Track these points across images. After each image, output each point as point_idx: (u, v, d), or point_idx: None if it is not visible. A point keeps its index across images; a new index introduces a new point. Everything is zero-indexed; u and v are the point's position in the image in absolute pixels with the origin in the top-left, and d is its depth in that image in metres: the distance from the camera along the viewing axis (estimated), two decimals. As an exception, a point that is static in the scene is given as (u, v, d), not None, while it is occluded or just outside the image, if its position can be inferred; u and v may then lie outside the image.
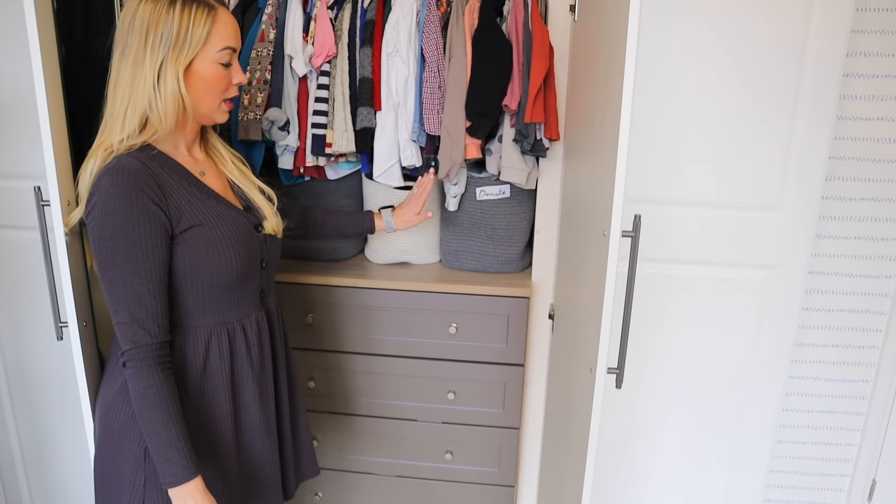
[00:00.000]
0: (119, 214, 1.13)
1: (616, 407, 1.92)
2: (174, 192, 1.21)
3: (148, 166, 1.19)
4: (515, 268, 1.93)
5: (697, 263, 1.77)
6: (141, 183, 1.15)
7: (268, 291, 1.41)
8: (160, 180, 1.19)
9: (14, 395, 2.08)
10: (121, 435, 1.26)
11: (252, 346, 1.35)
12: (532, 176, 1.76)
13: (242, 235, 1.28)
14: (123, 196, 1.13)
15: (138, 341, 1.16)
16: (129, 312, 1.15)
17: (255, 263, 1.33)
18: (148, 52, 1.16)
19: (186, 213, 1.21)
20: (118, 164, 1.15)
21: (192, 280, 1.22)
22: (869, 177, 1.86)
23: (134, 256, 1.14)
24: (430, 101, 1.69)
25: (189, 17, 1.17)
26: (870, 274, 1.96)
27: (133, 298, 1.15)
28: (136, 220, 1.13)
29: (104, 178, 1.15)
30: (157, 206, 1.16)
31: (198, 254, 1.21)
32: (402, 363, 1.92)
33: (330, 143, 1.72)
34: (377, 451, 2.04)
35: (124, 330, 1.16)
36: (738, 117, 1.70)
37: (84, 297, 1.41)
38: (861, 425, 2.12)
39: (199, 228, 1.21)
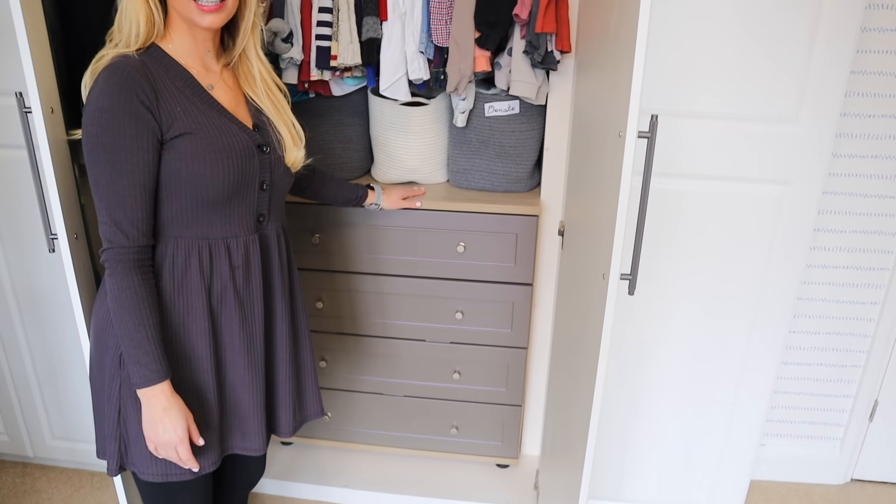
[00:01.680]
0: (108, 112, 1.11)
1: (626, 318, 1.91)
2: (171, 97, 1.18)
3: (148, 68, 1.17)
4: (524, 187, 1.90)
5: (711, 178, 1.74)
6: (134, 84, 1.13)
7: (269, 217, 1.35)
8: (158, 83, 1.17)
9: (23, 310, 2.10)
10: (102, 341, 1.27)
11: (237, 268, 1.30)
12: (542, 90, 1.71)
13: (237, 151, 1.24)
14: (114, 94, 1.11)
15: (115, 242, 1.16)
16: (108, 213, 1.15)
17: (252, 184, 1.28)
18: None
19: (179, 120, 1.18)
20: (117, 63, 1.13)
21: (175, 188, 1.20)
22: (890, 93, 1.81)
23: (118, 156, 1.13)
24: (437, 10, 1.63)
25: None
26: (884, 194, 1.93)
27: (114, 199, 1.14)
28: (123, 120, 1.12)
29: (101, 75, 1.14)
30: (147, 109, 1.14)
31: (184, 162, 1.18)
32: (410, 283, 1.92)
33: (335, 55, 1.67)
34: (385, 372, 2.06)
35: (104, 229, 1.16)
36: (757, 26, 1.63)
37: (73, 209, 1.39)
38: (867, 347, 2.12)
39: (190, 136, 1.19)
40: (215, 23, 1.21)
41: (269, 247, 1.38)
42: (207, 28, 1.21)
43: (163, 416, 1.21)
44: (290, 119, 1.37)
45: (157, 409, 1.21)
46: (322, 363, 2.07)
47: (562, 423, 1.73)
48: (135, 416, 1.26)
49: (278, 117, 1.35)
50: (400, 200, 1.80)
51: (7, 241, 2.02)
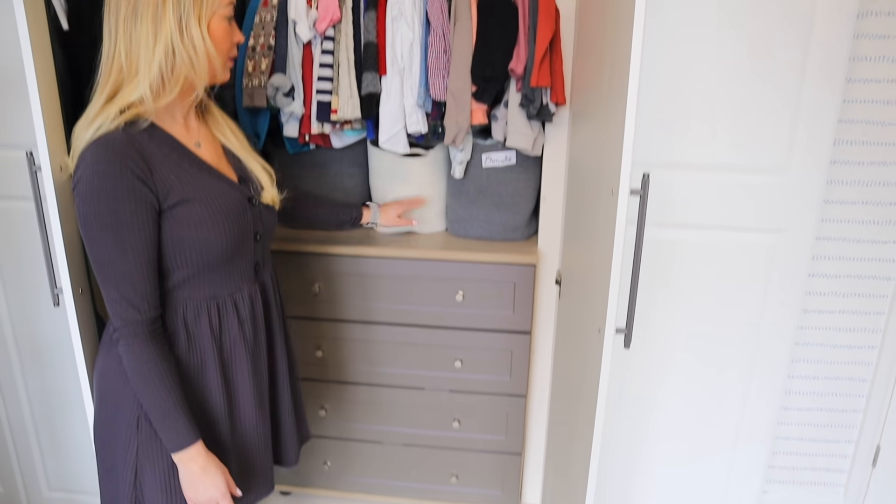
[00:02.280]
0: (104, 191, 1.10)
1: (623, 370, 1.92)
2: (162, 165, 1.17)
3: (135, 139, 1.15)
4: (522, 235, 1.92)
5: (704, 228, 1.76)
6: (126, 158, 1.11)
7: (263, 264, 1.39)
8: (147, 154, 1.16)
9: (24, 359, 2.10)
10: (114, 404, 1.27)
11: (245, 321, 1.33)
12: (538, 142, 1.75)
13: (233, 209, 1.25)
14: (108, 172, 1.10)
15: (129, 319, 1.16)
16: (118, 291, 1.14)
17: (248, 237, 1.31)
18: (169, 9, 1.12)
19: (175, 188, 1.18)
20: (103, 139, 1.12)
21: (180, 255, 1.20)
22: (878, 141, 1.84)
23: (120, 235, 1.12)
24: (435, 65, 1.67)
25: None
26: (877, 240, 1.95)
27: (121, 277, 1.14)
28: (121, 197, 1.11)
29: (89, 153, 1.12)
30: (143, 182, 1.13)
31: (186, 229, 1.19)
32: (410, 332, 1.93)
33: (335, 109, 1.71)
34: (385, 420, 2.05)
35: (115, 308, 1.16)
36: (745, 79, 1.68)
37: (79, 263, 1.41)
38: (866, 391, 2.12)
39: (188, 203, 1.18)
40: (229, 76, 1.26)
41: (268, 292, 1.41)
42: (225, 81, 1.25)
43: (202, 476, 1.23)
44: (254, 152, 1.38)
45: (195, 471, 1.23)
46: (321, 412, 2.07)
47: (562, 472, 1.72)
48: (152, 480, 1.26)
49: (247, 155, 1.35)
50: (396, 218, 1.82)
51: (10, 289, 2.04)
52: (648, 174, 1.15)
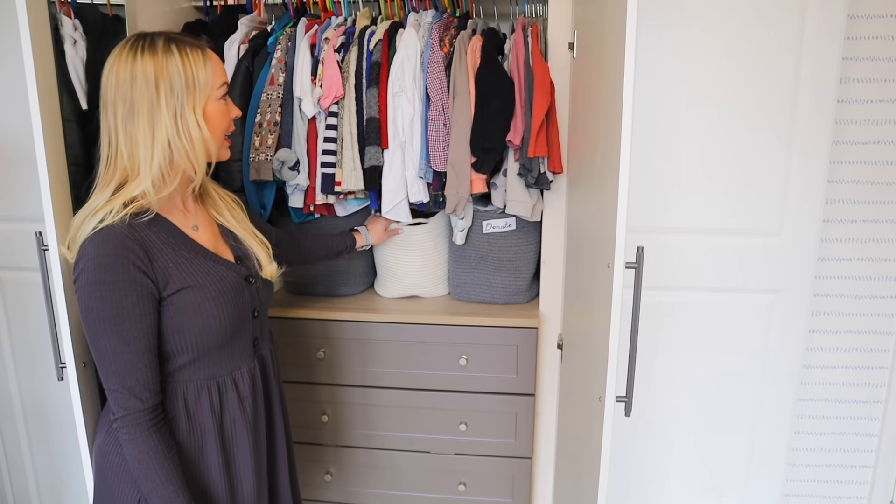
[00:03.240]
0: (106, 284, 1.11)
1: (627, 434, 1.93)
2: (161, 254, 1.19)
3: (136, 230, 1.17)
4: (523, 298, 1.95)
5: (702, 290, 1.80)
6: (127, 251, 1.13)
7: (262, 338, 1.40)
8: (147, 244, 1.17)
9: (30, 430, 2.11)
10: (114, 485, 1.26)
11: (245, 398, 1.33)
12: (537, 208, 1.80)
13: (231, 292, 1.26)
14: (110, 265, 1.12)
15: (130, 408, 1.16)
16: (119, 380, 1.15)
17: (247, 316, 1.32)
18: (163, 104, 1.15)
19: (174, 276, 1.19)
20: (105, 232, 1.14)
21: (181, 341, 1.21)
22: (868, 199, 1.89)
23: (122, 326, 1.13)
24: (435, 138, 1.73)
25: (189, 61, 1.17)
26: (875, 294, 1.98)
27: (123, 367, 1.14)
28: (123, 289, 1.12)
29: (91, 245, 1.13)
30: (144, 273, 1.14)
31: (186, 315, 1.20)
32: (414, 395, 1.94)
33: (339, 181, 1.77)
34: (391, 484, 2.05)
35: (116, 397, 1.16)
36: (735, 146, 1.74)
37: (83, 338, 1.42)
38: (875, 446, 2.11)
39: (188, 290, 1.20)
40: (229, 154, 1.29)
41: (267, 365, 1.42)
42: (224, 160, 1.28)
43: None
44: (255, 231, 1.40)
45: None
46: (327, 476, 2.06)
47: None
48: None
49: (243, 230, 1.37)
50: (384, 234, 1.89)
51: (18, 359, 2.07)
52: (643, 247, 1.18)
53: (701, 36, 1.71)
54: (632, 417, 1.87)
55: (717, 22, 1.69)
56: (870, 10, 1.75)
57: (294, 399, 1.99)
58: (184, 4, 2.00)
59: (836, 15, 1.66)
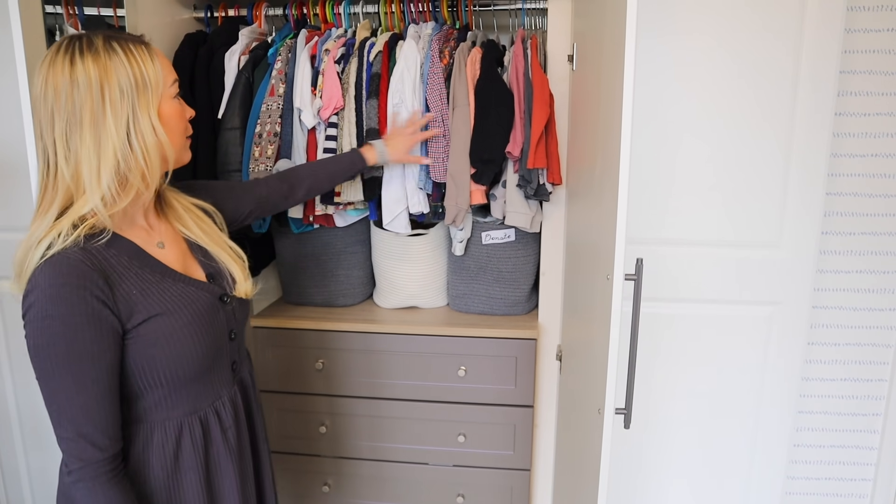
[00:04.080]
0: (59, 319, 0.96)
1: (625, 446, 1.93)
2: (123, 280, 1.04)
3: (92, 255, 1.02)
4: (522, 310, 1.95)
5: (701, 302, 1.80)
6: (84, 279, 0.98)
7: (240, 361, 1.27)
8: (107, 269, 1.03)
9: (26, 438, 2.10)
10: None
11: (228, 429, 1.21)
12: (536, 220, 1.80)
13: (206, 315, 1.13)
14: (63, 296, 0.97)
15: (87, 459, 1.01)
16: (74, 428, 1.00)
17: (223, 339, 1.18)
18: (108, 110, 1.00)
19: (140, 304, 1.05)
20: (57, 258, 0.99)
21: (152, 375, 1.08)
22: (866, 211, 1.90)
23: (78, 366, 0.98)
24: (435, 149, 1.74)
25: (135, 58, 1.03)
26: (874, 307, 1.98)
27: (79, 413, 1.00)
28: (78, 324, 0.97)
29: (41, 276, 0.98)
30: (104, 304, 1.00)
31: (157, 347, 1.06)
32: (413, 407, 1.93)
33: (338, 192, 1.77)
34: (389, 496, 2.04)
35: (70, 446, 1.01)
36: (734, 158, 1.75)
37: None
38: (874, 459, 2.11)
39: (157, 319, 1.06)
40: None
41: (247, 389, 1.31)
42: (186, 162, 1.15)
43: None
44: (228, 244, 1.25)
45: None
46: (325, 488, 2.05)
47: (568, 551, 1.70)
48: None
49: (214, 243, 1.22)
50: (406, 154, 1.69)
51: (16, 368, 2.06)
52: (642, 259, 1.18)
53: (699, 48, 1.72)
54: (631, 430, 1.87)
55: (716, 35, 1.70)
56: (867, 24, 1.77)
57: (292, 410, 1.99)
58: (185, 16, 2.01)
59: (833, 28, 1.67)
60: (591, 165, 1.43)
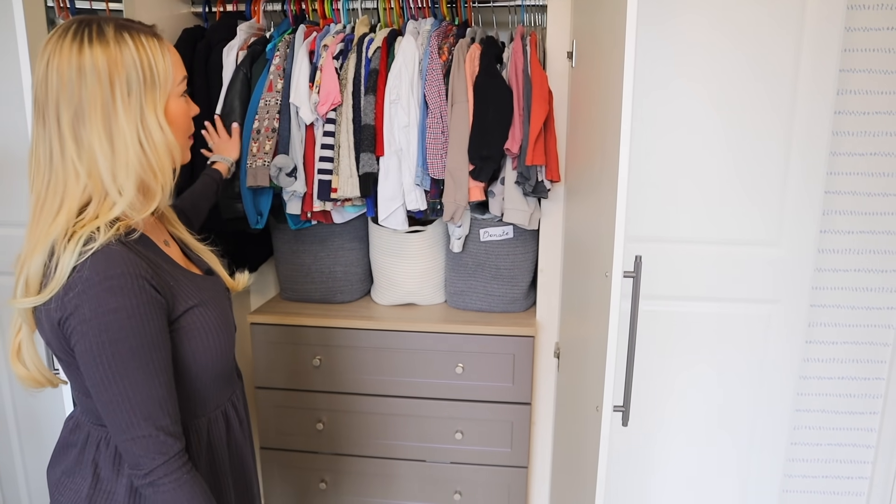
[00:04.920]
0: (124, 311, 0.92)
1: (623, 443, 1.92)
2: (160, 271, 1.01)
3: (132, 249, 0.98)
4: (520, 307, 1.95)
5: (699, 300, 1.80)
6: (138, 268, 0.95)
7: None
8: (149, 263, 0.99)
9: (22, 438, 2.10)
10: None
11: (243, 421, 1.21)
12: (534, 217, 1.79)
13: (228, 306, 1.12)
14: (125, 287, 0.92)
15: (169, 451, 0.97)
16: (151, 423, 0.95)
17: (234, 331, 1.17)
18: (119, 105, 0.95)
19: (179, 295, 1.02)
20: (102, 253, 0.93)
21: (194, 370, 1.05)
22: (865, 210, 1.90)
23: (149, 357, 0.95)
24: (433, 146, 1.73)
25: (146, 51, 0.98)
26: (871, 305, 1.98)
27: (154, 405, 0.96)
28: (145, 314, 0.94)
29: (90, 270, 0.92)
30: (158, 291, 0.97)
31: (197, 339, 1.04)
32: (410, 404, 1.93)
33: (335, 188, 1.76)
34: (385, 493, 2.04)
35: (148, 444, 0.95)
36: (734, 157, 1.75)
37: None
38: (871, 457, 2.11)
39: (194, 310, 1.04)
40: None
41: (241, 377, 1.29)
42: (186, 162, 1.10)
43: None
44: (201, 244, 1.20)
45: None
46: (321, 484, 2.05)
47: (565, 548, 1.70)
48: None
49: (199, 246, 1.19)
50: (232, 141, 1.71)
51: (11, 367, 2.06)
52: (640, 257, 1.18)
53: (699, 46, 1.71)
54: (628, 427, 1.87)
55: (716, 33, 1.70)
56: (867, 23, 1.76)
57: (289, 406, 1.98)
58: (182, 10, 2.00)
59: (833, 27, 1.66)
60: (590, 162, 1.43)
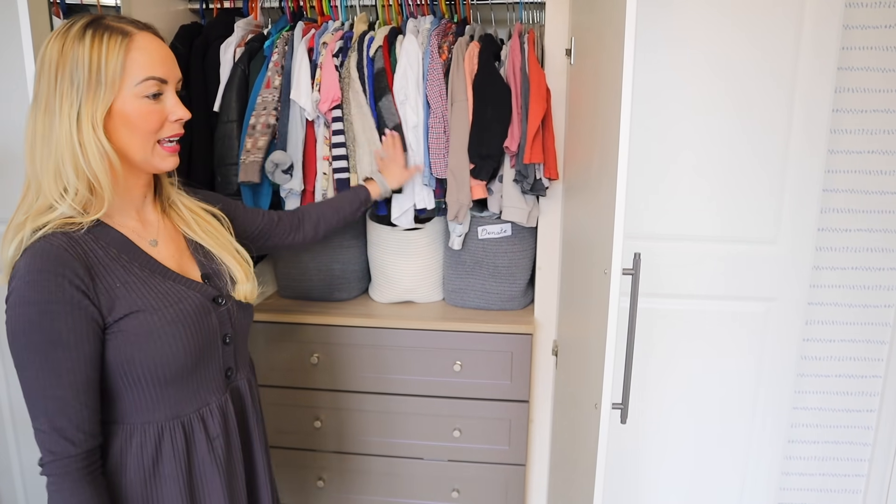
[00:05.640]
0: (36, 306, 0.94)
1: (621, 441, 1.93)
2: (108, 273, 1.01)
3: (77, 242, 0.99)
4: (518, 305, 1.95)
5: (697, 298, 1.80)
6: (63, 267, 0.95)
7: (237, 368, 1.22)
8: (91, 260, 1.00)
9: (18, 433, 2.09)
10: None
11: (215, 438, 1.15)
12: (533, 214, 1.79)
13: (192, 315, 1.08)
14: (42, 283, 0.94)
15: (59, 453, 0.97)
16: (47, 419, 0.97)
17: (214, 342, 1.13)
18: (58, 98, 0.96)
19: (121, 298, 1.01)
20: (39, 245, 0.96)
21: (131, 374, 1.04)
22: (863, 208, 1.90)
23: (53, 355, 0.95)
24: (436, 145, 1.73)
25: (100, 49, 0.97)
26: (869, 304, 1.98)
27: (52, 404, 0.96)
28: (56, 311, 0.95)
29: (22, 261, 0.96)
30: (83, 293, 0.97)
31: (136, 345, 1.02)
32: (408, 401, 1.93)
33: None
34: (384, 491, 2.04)
35: (43, 438, 0.97)
36: (731, 154, 1.75)
37: None
38: (868, 455, 2.12)
39: (138, 315, 1.02)
40: (176, 163, 1.09)
41: (243, 397, 1.24)
42: (166, 171, 1.09)
43: None
44: (234, 246, 1.22)
45: None
46: (319, 482, 2.05)
47: (563, 546, 1.70)
48: None
49: (220, 248, 1.19)
50: (404, 173, 1.72)
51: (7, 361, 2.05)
52: (639, 254, 1.18)
53: (697, 44, 1.71)
54: (626, 425, 1.87)
55: (714, 31, 1.70)
56: (865, 21, 1.76)
57: (287, 404, 1.98)
58: (180, 7, 1.99)
59: (831, 25, 1.66)
60: (589, 160, 1.43)
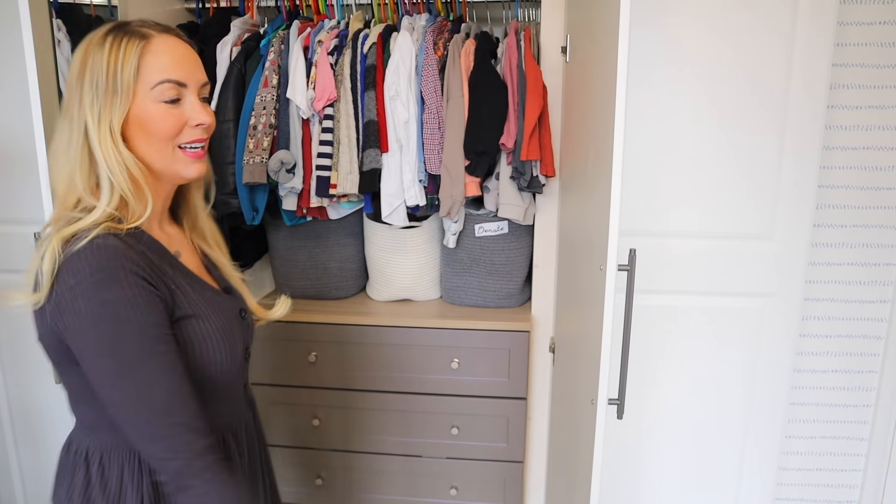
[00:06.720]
0: (118, 303, 0.86)
1: (618, 437, 1.93)
2: (161, 274, 0.95)
3: (129, 244, 0.92)
4: (515, 302, 1.95)
5: (693, 293, 1.80)
6: (130, 262, 0.89)
7: (248, 384, 1.19)
8: (146, 260, 0.93)
9: (17, 434, 2.09)
10: None
11: (244, 454, 1.12)
12: (529, 212, 1.80)
13: (233, 325, 1.04)
14: (116, 279, 0.86)
15: (195, 448, 0.90)
16: (169, 420, 0.89)
17: (241, 355, 1.08)
18: (77, 106, 0.93)
19: (178, 301, 0.96)
20: (93, 245, 0.88)
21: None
22: (858, 204, 1.90)
23: (157, 348, 0.89)
24: (430, 141, 1.74)
25: (117, 54, 0.92)
26: (865, 299, 1.99)
27: (171, 399, 0.89)
28: (143, 303, 0.88)
29: (81, 263, 0.87)
30: (154, 286, 0.91)
31: (190, 351, 0.96)
32: (406, 399, 1.93)
33: (334, 184, 1.76)
34: (382, 489, 2.04)
35: (174, 444, 0.89)
36: (727, 151, 1.75)
37: None
38: (865, 450, 2.12)
39: (191, 320, 0.97)
40: (201, 171, 1.02)
41: (254, 409, 1.21)
42: (191, 180, 1.03)
43: None
44: (239, 274, 1.17)
45: None
46: (318, 480, 2.05)
47: (561, 542, 1.71)
48: None
49: (231, 273, 1.15)
50: None
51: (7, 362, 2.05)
52: (635, 250, 1.19)
53: (691, 40, 1.72)
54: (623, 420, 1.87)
55: (710, 27, 1.70)
56: (860, 17, 1.77)
57: (285, 403, 1.99)
58: (176, 6, 1.99)
59: (826, 22, 1.67)
60: (585, 157, 1.43)
